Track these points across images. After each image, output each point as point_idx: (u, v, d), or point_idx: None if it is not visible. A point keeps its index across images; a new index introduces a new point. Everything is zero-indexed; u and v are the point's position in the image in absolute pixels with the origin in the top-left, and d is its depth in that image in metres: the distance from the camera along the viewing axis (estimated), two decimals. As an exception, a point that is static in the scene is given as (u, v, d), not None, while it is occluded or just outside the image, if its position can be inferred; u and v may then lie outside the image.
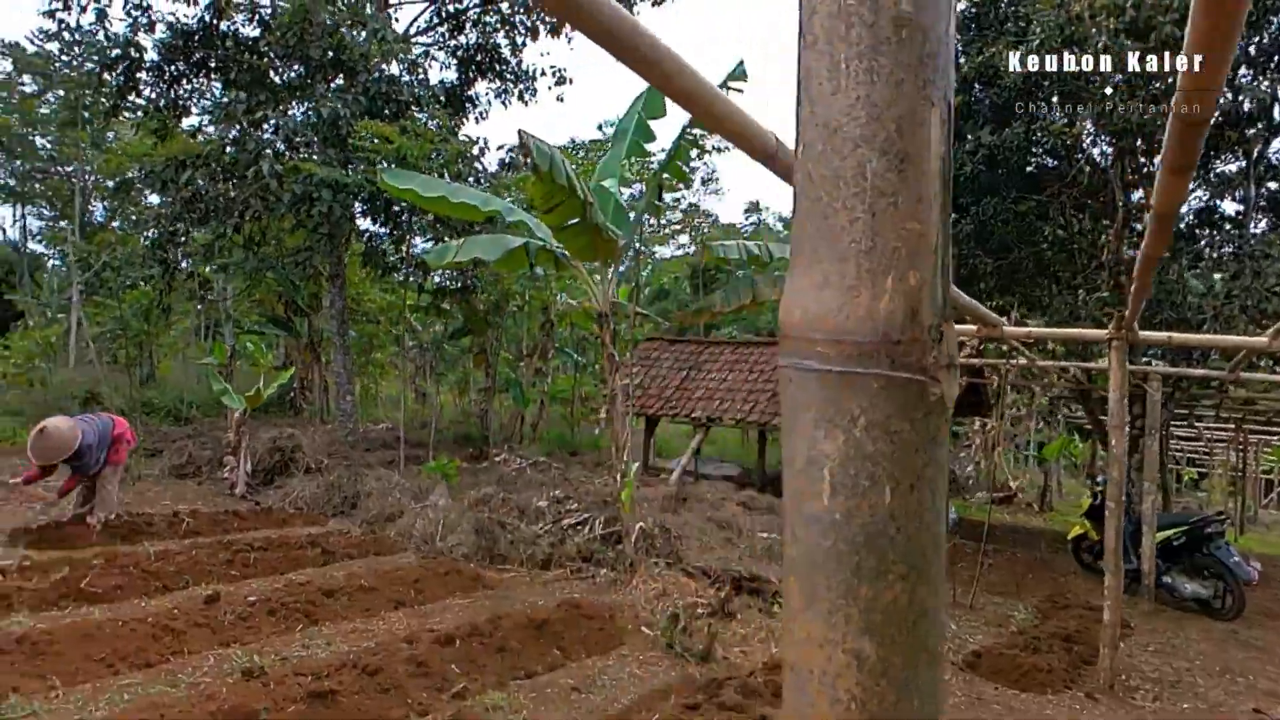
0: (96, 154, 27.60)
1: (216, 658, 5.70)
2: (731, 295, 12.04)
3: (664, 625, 6.47)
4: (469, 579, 7.68)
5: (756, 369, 16.23)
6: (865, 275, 0.77)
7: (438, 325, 19.25)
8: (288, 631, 6.28)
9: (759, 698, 5.33)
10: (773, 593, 7.77)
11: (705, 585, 7.71)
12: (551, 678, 5.70)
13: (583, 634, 6.41)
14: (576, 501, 10.19)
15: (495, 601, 7.25)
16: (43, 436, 8.25)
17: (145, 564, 7.49)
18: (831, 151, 0.77)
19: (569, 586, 7.83)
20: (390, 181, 8.59)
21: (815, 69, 0.79)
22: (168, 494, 11.09)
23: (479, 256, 9.00)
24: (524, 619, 6.28)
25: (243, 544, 8.34)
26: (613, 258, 8.64)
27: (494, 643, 5.89)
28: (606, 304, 8.73)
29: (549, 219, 8.02)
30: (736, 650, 6.48)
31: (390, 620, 6.65)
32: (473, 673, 5.55)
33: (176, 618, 6.10)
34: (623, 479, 8.50)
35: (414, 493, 10.89)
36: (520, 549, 8.50)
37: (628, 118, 9.53)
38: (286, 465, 11.53)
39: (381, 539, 9.01)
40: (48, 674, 5.24)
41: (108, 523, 8.87)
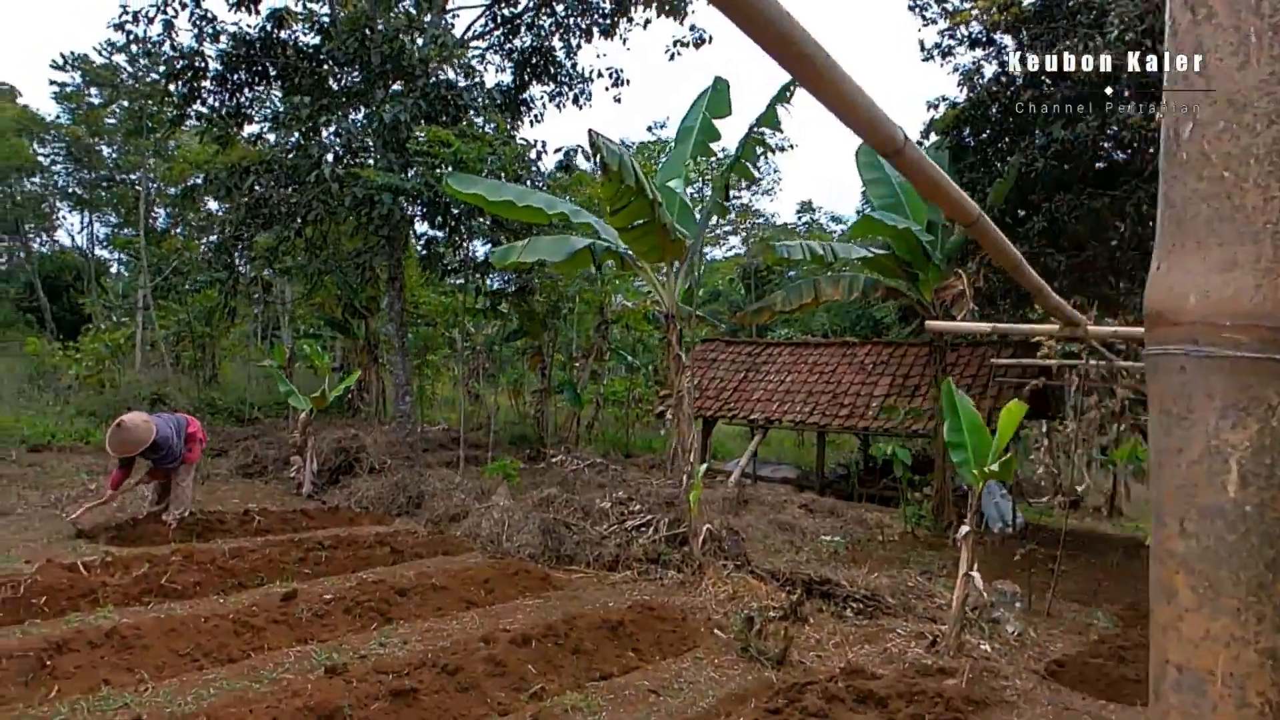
0: (160, 162, 28.35)
1: (296, 654, 5.76)
2: (794, 294, 11.93)
3: (738, 628, 6.37)
4: (537, 579, 7.67)
5: (816, 370, 16.03)
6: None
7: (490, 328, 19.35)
8: (364, 629, 6.33)
9: (840, 703, 5.21)
10: (844, 597, 7.64)
11: (775, 588, 7.60)
12: (628, 679, 5.65)
13: (656, 636, 6.35)
14: (639, 503, 10.14)
15: (565, 602, 7.23)
16: (120, 430, 8.46)
17: (221, 561, 7.61)
18: (1239, 128, 0.71)
19: (637, 588, 7.78)
20: (455, 186, 8.64)
21: (1212, 44, 0.73)
22: (236, 493, 11.29)
23: (544, 258, 9.02)
24: (597, 620, 6.24)
25: (313, 542, 8.44)
26: (679, 258, 8.57)
27: (569, 644, 5.85)
28: (673, 304, 8.67)
29: (616, 220, 7.99)
30: (811, 655, 6.37)
31: (463, 620, 6.66)
32: (549, 673, 5.52)
33: (256, 614, 6.18)
34: (689, 480, 8.41)
35: (476, 493, 10.95)
36: (587, 550, 8.47)
37: (691, 116, 9.48)
38: (351, 465, 11.67)
39: (448, 539, 9.05)
40: (136, 667, 5.34)
41: (182, 520, 9.05)
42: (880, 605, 7.57)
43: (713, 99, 9.22)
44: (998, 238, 4.17)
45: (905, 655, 6.39)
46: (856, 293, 12.12)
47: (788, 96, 8.23)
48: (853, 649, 6.67)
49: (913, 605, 7.66)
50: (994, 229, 4.08)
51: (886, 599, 7.64)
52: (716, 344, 18.19)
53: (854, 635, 6.92)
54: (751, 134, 8.54)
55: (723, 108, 9.15)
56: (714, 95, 9.30)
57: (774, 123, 8.36)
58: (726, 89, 9.33)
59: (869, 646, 6.73)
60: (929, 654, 6.40)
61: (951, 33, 13.45)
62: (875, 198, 12.06)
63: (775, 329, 27.33)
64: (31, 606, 6.28)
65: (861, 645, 6.75)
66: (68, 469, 12.02)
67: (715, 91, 9.35)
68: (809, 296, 12.19)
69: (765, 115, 8.36)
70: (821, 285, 12.28)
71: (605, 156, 7.13)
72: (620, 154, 7.27)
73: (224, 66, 16.11)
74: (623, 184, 7.48)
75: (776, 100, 8.32)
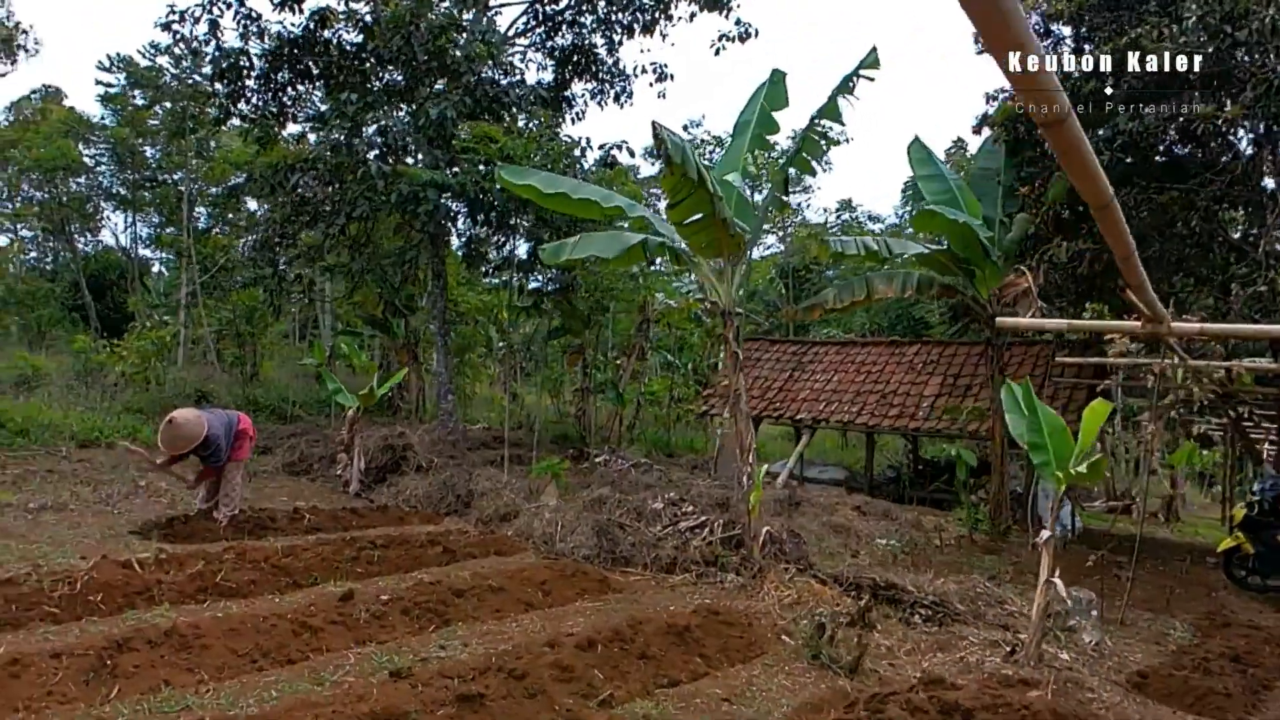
0: (202, 162, 28.64)
1: (356, 656, 5.62)
2: (845, 292, 11.69)
3: (807, 635, 6.15)
4: (595, 581, 7.49)
5: (863, 370, 15.73)
6: None
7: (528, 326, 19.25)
8: (422, 631, 6.19)
9: (923, 715, 4.96)
10: (911, 603, 7.38)
11: (839, 593, 7.37)
12: (697, 687, 5.45)
13: (722, 641, 6.15)
14: (691, 504, 9.93)
15: (625, 605, 7.04)
16: (171, 426, 8.41)
17: (275, 560, 7.52)
18: None
19: (697, 591, 7.57)
20: (509, 178, 8.49)
21: None
22: (284, 490, 11.26)
23: (596, 254, 8.85)
24: (663, 624, 6.04)
25: (365, 542, 8.33)
26: (737, 253, 8.35)
27: (635, 648, 5.67)
28: (729, 301, 8.45)
29: (674, 214, 7.80)
30: (884, 663, 6.13)
31: (523, 622, 6.50)
32: (616, 679, 5.33)
33: (314, 614, 6.05)
34: (748, 481, 8.20)
35: (524, 493, 10.81)
36: (643, 552, 8.28)
37: (749, 110, 9.25)
38: (398, 464, 11.58)
39: (501, 538, 8.90)
40: (195, 667, 5.23)
41: (233, 518, 8.99)
42: (949, 611, 7.31)
43: (770, 92, 8.99)
44: (1122, 225, 3.90)
45: (983, 665, 6.12)
46: (910, 290, 11.81)
47: (850, 87, 7.99)
48: (925, 657, 6.42)
49: (982, 612, 7.38)
50: (1121, 215, 3.82)
51: (955, 605, 7.36)
52: (760, 343, 17.93)
53: (925, 643, 6.66)
54: (812, 126, 8.30)
55: (781, 100, 8.92)
56: (771, 88, 9.07)
57: (835, 115, 8.11)
58: (783, 81, 9.09)
59: (942, 655, 6.47)
60: (1007, 664, 6.13)
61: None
62: (929, 194, 11.74)
63: (815, 328, 26.95)
64: (88, 603, 6.21)
65: (933, 653, 6.50)
66: (117, 465, 12.04)
67: (772, 84, 9.12)
68: (861, 294, 11.91)
69: (826, 107, 8.12)
70: (874, 282, 11.99)
71: (668, 149, 6.94)
72: (683, 146, 7.09)
73: (268, 66, 16.14)
74: (683, 177, 7.29)
75: (839, 91, 8.07)
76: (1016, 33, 1.58)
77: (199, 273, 25.30)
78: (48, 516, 9.00)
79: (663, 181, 7.47)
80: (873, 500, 12.74)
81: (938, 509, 14.09)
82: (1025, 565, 10.11)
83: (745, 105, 9.43)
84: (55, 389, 16.19)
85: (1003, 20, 1.46)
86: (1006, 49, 1.73)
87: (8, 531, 8.19)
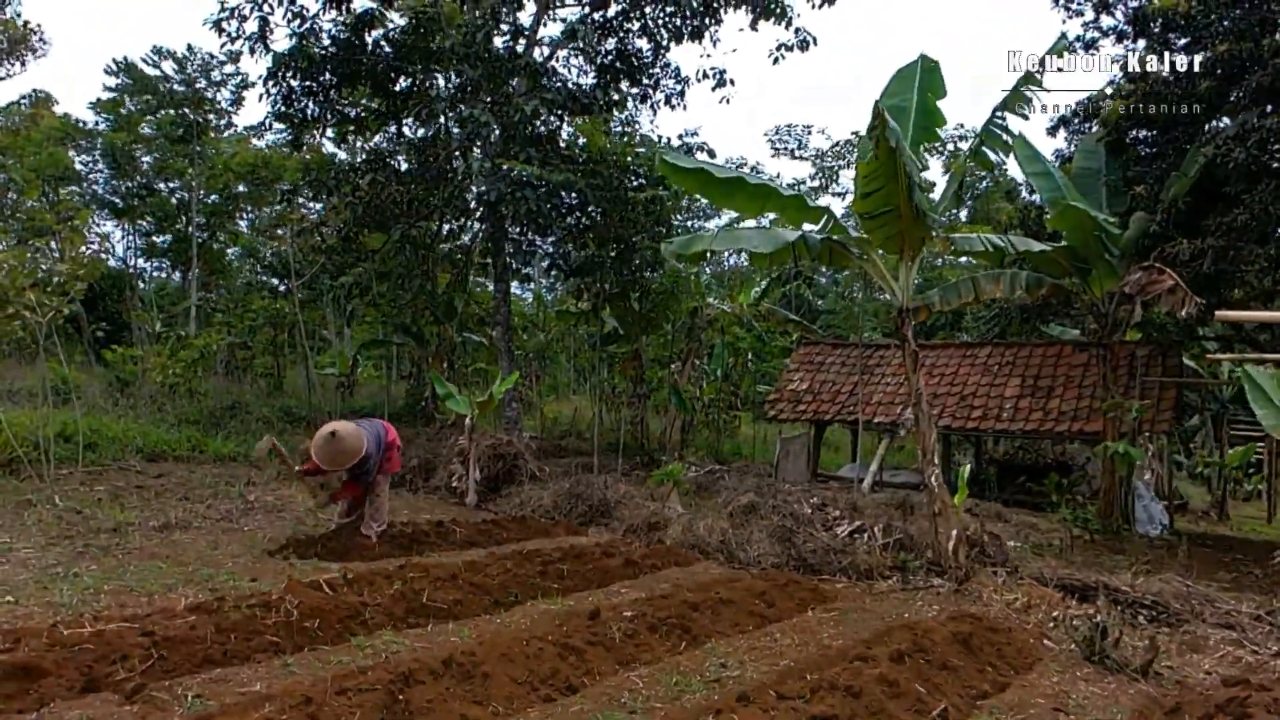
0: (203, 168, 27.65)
1: (641, 680, 5.25)
2: (951, 293, 11.52)
3: (1083, 638, 5.92)
4: (808, 591, 7.18)
5: (935, 372, 15.65)
6: None
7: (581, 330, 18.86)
8: (681, 650, 5.85)
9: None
10: (1130, 603, 7.21)
11: (1061, 595, 7.16)
12: (1014, 697, 5.19)
13: (996, 649, 5.90)
14: (834, 508, 9.69)
15: (862, 614, 6.77)
16: (335, 440, 7.86)
17: (464, 577, 7.09)
18: None
19: (914, 598, 7.31)
20: (672, 162, 8.16)
21: None
22: (395, 503, 10.71)
23: (748, 248, 8.57)
24: (945, 635, 5.76)
25: (539, 556, 7.91)
26: (917, 250, 8.14)
27: (936, 659, 5.39)
28: (906, 297, 8.22)
29: (864, 205, 7.58)
30: (1164, 665, 5.91)
31: (775, 636, 6.18)
32: (935, 692, 5.04)
33: (570, 636, 5.66)
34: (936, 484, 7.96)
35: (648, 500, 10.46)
36: (833, 559, 7.98)
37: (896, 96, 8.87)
38: (510, 473, 11.12)
39: (672, 550, 8.53)
40: (484, 700, 4.83)
41: (382, 534, 8.50)
42: (1168, 611, 7.14)
43: (927, 79, 8.63)
44: None
45: (1269, 665, 5.95)
46: (1020, 290, 11.71)
47: (1039, 78, 7.84)
48: (1181, 657, 6.23)
49: (1199, 611, 7.22)
50: None
51: (1172, 605, 7.20)
52: (822, 347, 17.75)
53: (1174, 645, 6.47)
54: (993, 120, 8.12)
55: (940, 89, 8.64)
56: (925, 75, 8.72)
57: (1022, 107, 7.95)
58: (938, 69, 8.81)
59: (1198, 655, 6.30)
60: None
61: (1096, 24, 13.13)
62: (1040, 191, 11.68)
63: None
64: (305, 630, 5.76)
65: (1190, 654, 6.32)
66: (203, 480, 11.41)
67: (925, 71, 8.77)
68: (969, 295, 11.74)
69: (1010, 99, 7.96)
70: (981, 283, 11.83)
71: (885, 133, 6.70)
72: (899, 133, 6.85)
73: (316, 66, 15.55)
74: (882, 167, 7.07)
75: (1024, 82, 7.92)
76: None
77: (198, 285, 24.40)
78: (179, 536, 8.44)
79: (860, 167, 7.20)
80: (980, 503, 12.59)
81: (1023, 510, 14.01)
82: (1165, 563, 10.01)
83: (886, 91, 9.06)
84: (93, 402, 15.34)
85: None
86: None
87: (152, 554, 7.64)
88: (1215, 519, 17.77)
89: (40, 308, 9.03)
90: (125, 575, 6.83)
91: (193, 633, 5.31)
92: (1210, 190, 10.82)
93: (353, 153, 20.91)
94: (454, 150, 12.70)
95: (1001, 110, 8.09)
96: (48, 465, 10.24)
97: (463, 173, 12.19)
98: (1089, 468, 15.82)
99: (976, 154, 8.34)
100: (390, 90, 15.67)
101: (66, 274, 8.97)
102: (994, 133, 8.20)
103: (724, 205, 9.21)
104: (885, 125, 6.66)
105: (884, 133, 6.71)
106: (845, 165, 31.95)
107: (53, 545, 7.68)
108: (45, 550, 7.48)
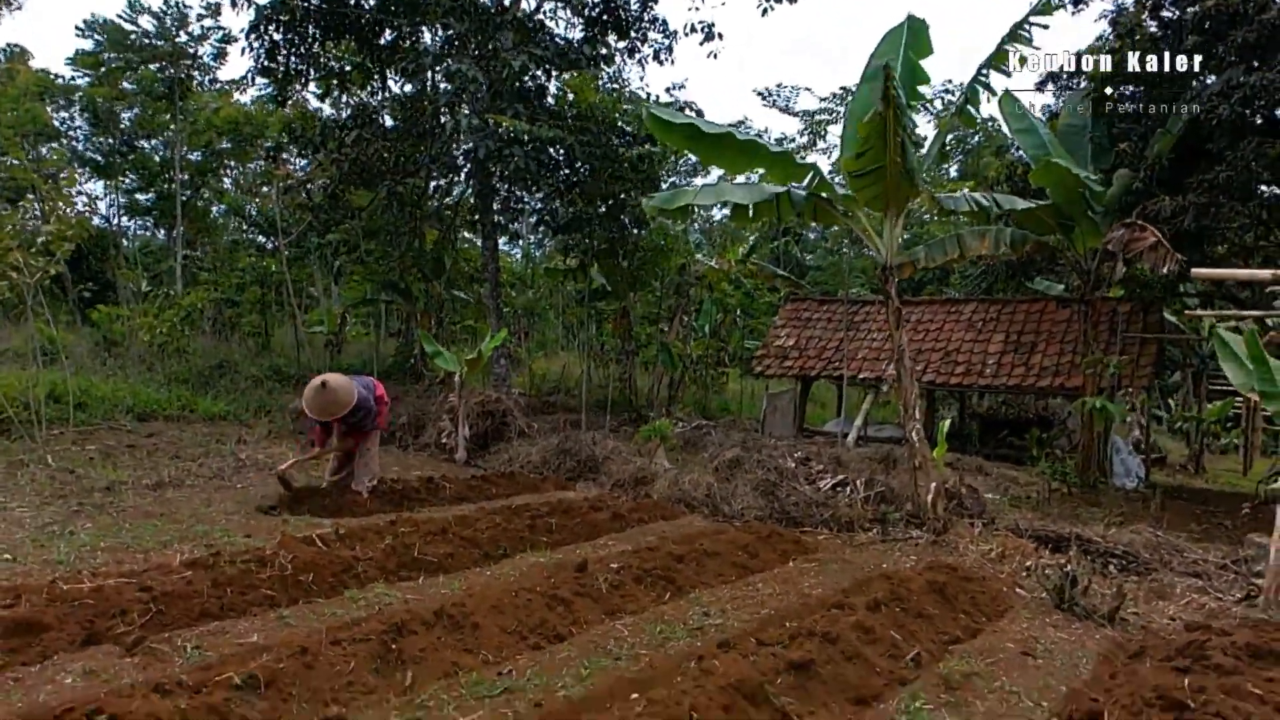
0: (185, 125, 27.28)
1: (626, 628, 5.42)
2: (936, 250, 11.60)
3: (1054, 586, 6.13)
4: (791, 543, 7.38)
5: (920, 328, 15.79)
6: None
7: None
8: (666, 599, 6.03)
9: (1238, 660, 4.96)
10: (1102, 553, 7.45)
11: (1035, 545, 7.38)
12: (986, 643, 5.40)
13: (970, 596, 6.11)
14: (817, 462, 9.88)
15: (842, 565, 6.97)
16: (325, 391, 7.98)
17: (454, 531, 7.25)
18: None
19: (892, 549, 7.52)
20: (661, 117, 8.17)
21: None
22: (388, 461, 10.84)
23: (734, 200, 8.63)
24: (921, 584, 5.95)
25: (527, 510, 8.08)
26: (902, 207, 8.21)
27: (911, 608, 5.59)
28: (891, 255, 8.32)
29: (854, 164, 7.62)
30: (1131, 611, 6.14)
31: (757, 586, 6.37)
32: (910, 640, 5.24)
33: (558, 587, 5.82)
34: (918, 438, 8.14)
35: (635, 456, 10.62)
36: (814, 511, 8.18)
37: (883, 57, 8.92)
38: (499, 430, 11.26)
39: (659, 504, 8.72)
40: (474, 648, 4.97)
41: (373, 489, 8.64)
42: (1138, 560, 7.38)
43: (913, 38, 8.64)
44: None
45: (1230, 611, 6.19)
46: (1004, 247, 11.80)
47: (1025, 36, 7.85)
48: (1154, 605, 6.46)
49: (1168, 560, 7.46)
50: None
51: (1142, 554, 7.43)
52: (809, 303, 17.84)
53: (1142, 592, 6.70)
54: (978, 77, 8.14)
55: (925, 48, 8.63)
56: (911, 35, 8.75)
57: (1004, 65, 7.98)
58: (925, 29, 8.83)
59: (1164, 602, 6.53)
60: (1250, 607, 6.20)
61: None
62: (1025, 148, 11.72)
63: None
64: (300, 584, 5.90)
65: (1156, 601, 6.56)
66: (194, 439, 11.52)
67: (912, 31, 8.80)
68: (954, 252, 11.82)
69: (995, 56, 7.98)
70: (966, 240, 11.92)
71: (893, 91, 6.73)
72: (903, 93, 6.88)
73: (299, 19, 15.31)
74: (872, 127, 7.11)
75: (1008, 40, 7.93)
76: None
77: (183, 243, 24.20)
78: (172, 494, 8.56)
79: (860, 128, 7.24)
80: (963, 457, 12.83)
81: (1004, 464, 14.26)
82: (1139, 515, 10.26)
83: (875, 53, 9.11)
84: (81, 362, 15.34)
85: None
86: None
87: (146, 512, 7.75)
88: (1192, 472, 18.13)
89: (27, 268, 9.03)
90: (121, 533, 6.94)
91: (189, 587, 5.43)
92: (1194, 147, 10.90)
93: (337, 108, 20.67)
94: (441, 106, 12.58)
95: (986, 68, 8.11)
96: (39, 426, 10.30)
97: (451, 129, 12.09)
98: (1069, 422, 16.09)
99: (961, 112, 8.37)
100: (375, 44, 15.49)
101: (54, 234, 8.96)
102: (978, 91, 8.23)
103: (711, 162, 9.22)
104: (893, 83, 6.70)
105: (892, 91, 6.75)
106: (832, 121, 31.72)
107: (47, 504, 7.79)
108: (40, 509, 7.58)
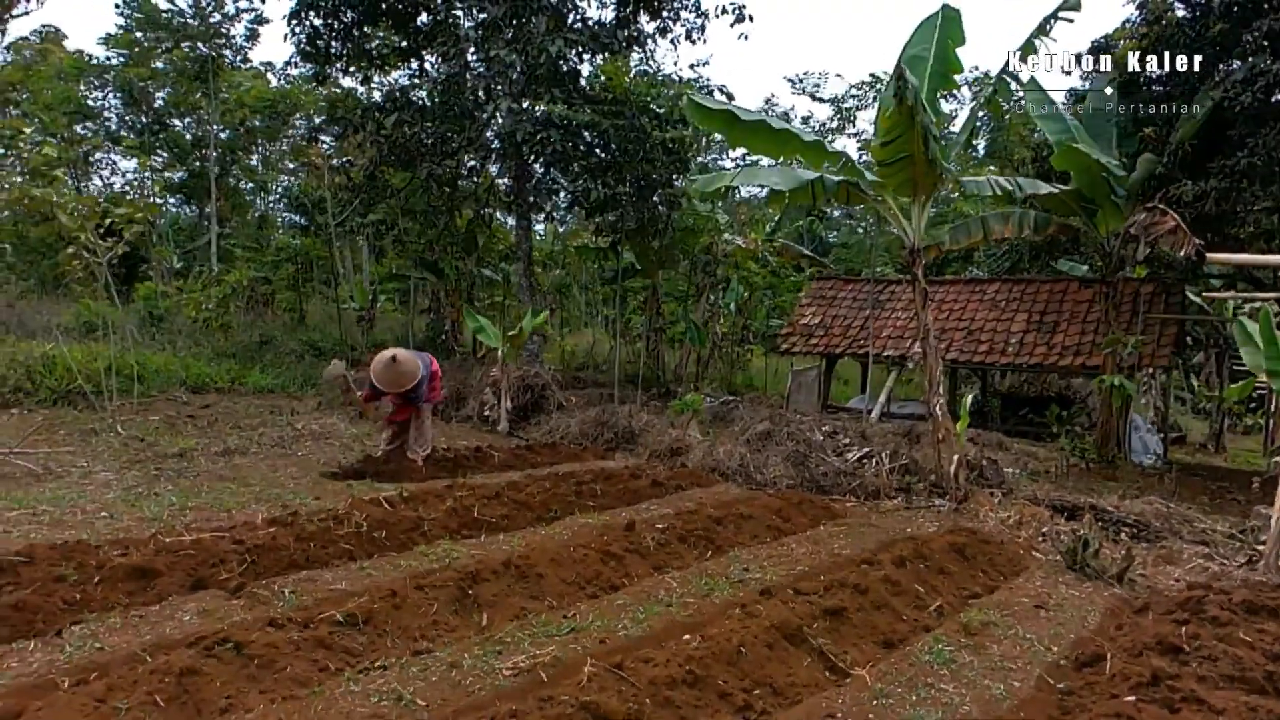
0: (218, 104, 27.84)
1: (675, 580, 5.94)
2: (961, 233, 11.94)
3: (1066, 549, 6.60)
4: (820, 509, 7.89)
5: (945, 308, 16.13)
6: None
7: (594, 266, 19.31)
8: (709, 557, 6.54)
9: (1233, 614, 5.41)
10: (1115, 521, 7.88)
11: (1051, 514, 7.83)
12: (1002, 598, 5.88)
13: (989, 558, 6.59)
14: (845, 435, 10.34)
15: (869, 529, 7.46)
16: (395, 365, 8.55)
17: (508, 495, 7.78)
18: None
19: (916, 516, 8.00)
20: (700, 103, 8.58)
21: None
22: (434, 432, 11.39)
23: (770, 185, 9.02)
24: (943, 546, 6.44)
25: (573, 477, 8.61)
26: (929, 193, 8.60)
27: (934, 565, 6.08)
28: (918, 238, 8.73)
29: (882, 152, 8.01)
30: (1138, 574, 6.59)
31: (790, 546, 6.88)
32: (932, 593, 5.74)
33: (610, 544, 6.34)
34: (941, 414, 8.58)
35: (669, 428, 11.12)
36: (842, 480, 8.67)
37: (918, 44, 9.23)
38: (538, 403, 11.81)
39: (694, 473, 9.24)
40: (540, 595, 5.51)
41: (427, 457, 9.20)
42: (1149, 529, 7.81)
43: (948, 28, 8.94)
44: None
45: (1231, 574, 6.63)
46: (1028, 229, 12.14)
47: (1048, 29, 8.18)
48: (1162, 569, 6.91)
49: (1177, 529, 7.89)
50: None
51: (1153, 523, 7.87)
52: (834, 282, 18.22)
53: (1150, 558, 7.15)
54: (1005, 70, 8.50)
55: (959, 37, 8.94)
56: (946, 25, 9.04)
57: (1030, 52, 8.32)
58: (958, 18, 9.12)
59: (1171, 566, 6.97)
60: (1250, 571, 6.64)
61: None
62: (1049, 133, 12.01)
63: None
64: (375, 540, 6.44)
65: (1164, 565, 7.00)
66: (248, 410, 12.12)
67: (947, 20, 9.09)
68: (978, 234, 12.19)
69: (1023, 48, 8.33)
70: (990, 223, 12.28)
71: (904, 87, 7.13)
72: (917, 91, 7.27)
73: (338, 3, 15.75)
74: (899, 117, 7.50)
75: (1036, 34, 8.27)
76: None
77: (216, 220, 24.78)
78: (239, 460, 9.15)
79: (881, 121, 7.64)
80: (984, 433, 13.24)
81: (1025, 440, 14.66)
82: (1154, 489, 10.67)
83: (909, 42, 9.42)
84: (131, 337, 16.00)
85: None
86: None
87: (220, 476, 8.35)
88: (1211, 451, 18.41)
89: (99, 247, 9.61)
90: (201, 494, 7.54)
91: (275, 542, 6.00)
92: (1217, 133, 11.16)
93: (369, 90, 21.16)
94: (477, 89, 13.00)
95: (1013, 60, 8.47)
96: (105, 397, 10.92)
97: (491, 112, 12.52)
98: (1090, 400, 16.43)
99: (990, 102, 8.73)
100: (411, 27, 15.92)
101: (124, 216, 9.53)
102: (1007, 83, 8.58)
103: (747, 147, 9.63)
104: (906, 82, 7.09)
105: (904, 91, 7.14)
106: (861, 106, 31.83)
107: (126, 469, 8.39)
108: (122, 473, 8.19)
